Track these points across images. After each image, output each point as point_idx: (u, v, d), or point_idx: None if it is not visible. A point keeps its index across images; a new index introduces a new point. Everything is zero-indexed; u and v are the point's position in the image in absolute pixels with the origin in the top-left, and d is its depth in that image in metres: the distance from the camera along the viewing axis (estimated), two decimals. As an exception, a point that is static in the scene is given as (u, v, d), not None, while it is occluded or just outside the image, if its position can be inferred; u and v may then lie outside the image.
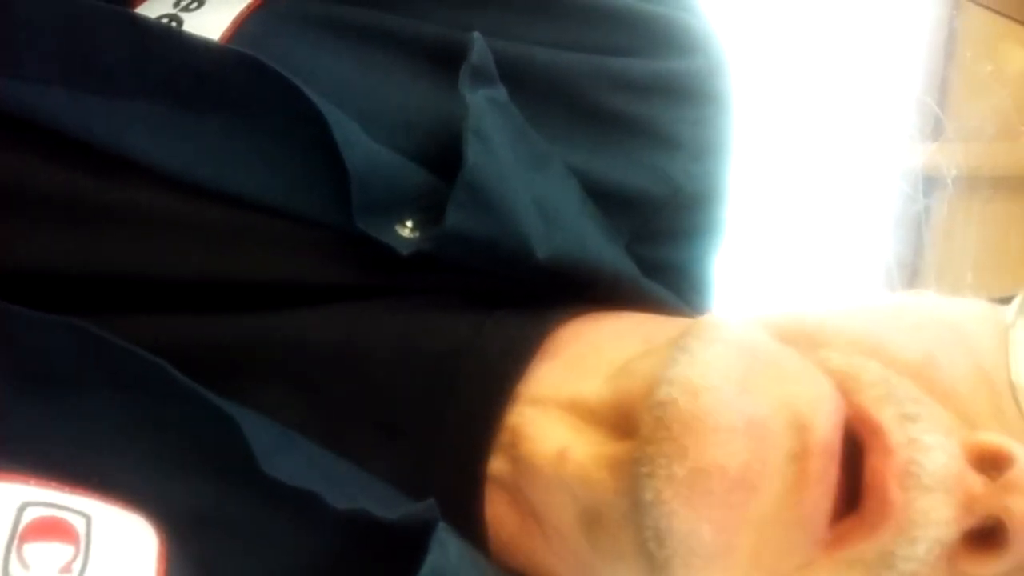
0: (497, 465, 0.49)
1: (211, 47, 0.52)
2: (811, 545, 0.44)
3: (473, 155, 0.50)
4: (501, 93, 0.53)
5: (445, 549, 0.44)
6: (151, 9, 0.55)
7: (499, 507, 0.49)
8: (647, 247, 0.58)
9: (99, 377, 0.46)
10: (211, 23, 0.54)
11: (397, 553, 0.45)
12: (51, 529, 0.43)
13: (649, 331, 0.51)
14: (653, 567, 0.44)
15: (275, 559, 0.46)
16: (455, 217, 0.50)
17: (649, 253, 0.58)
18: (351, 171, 0.49)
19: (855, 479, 0.44)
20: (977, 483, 0.44)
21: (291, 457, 0.47)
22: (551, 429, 0.48)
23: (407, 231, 0.51)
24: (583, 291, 0.54)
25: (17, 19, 0.51)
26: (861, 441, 0.44)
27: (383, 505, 0.45)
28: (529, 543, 0.50)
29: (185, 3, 0.55)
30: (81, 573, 0.43)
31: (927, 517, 0.43)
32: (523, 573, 0.51)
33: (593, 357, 0.50)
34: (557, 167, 0.54)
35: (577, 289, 0.54)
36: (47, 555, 0.43)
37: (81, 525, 0.43)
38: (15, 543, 0.42)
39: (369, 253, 0.50)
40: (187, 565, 0.44)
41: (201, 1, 0.55)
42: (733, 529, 0.43)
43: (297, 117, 0.50)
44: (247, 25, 0.54)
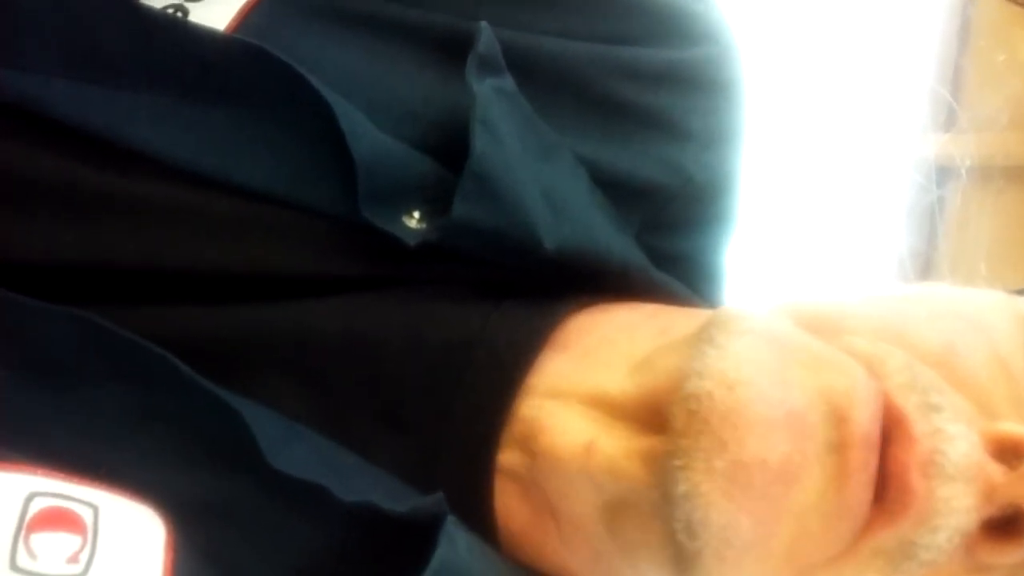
0: (508, 457, 0.49)
1: (216, 37, 0.52)
2: (854, 534, 0.44)
3: (480, 145, 0.50)
4: (508, 83, 0.52)
5: (454, 543, 0.44)
6: None
7: (509, 499, 0.49)
8: (657, 237, 0.57)
9: (103, 368, 0.46)
10: (217, 13, 0.53)
11: (405, 546, 0.45)
12: (58, 519, 0.43)
13: (663, 323, 0.51)
14: (681, 558, 0.44)
15: (282, 551, 0.46)
16: (462, 207, 0.49)
17: (659, 243, 0.57)
18: (357, 161, 0.49)
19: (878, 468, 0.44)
20: (997, 472, 0.44)
21: (298, 449, 0.46)
22: (573, 422, 0.48)
23: (414, 222, 0.51)
24: (592, 282, 0.54)
25: (20, 9, 0.51)
26: (885, 429, 0.44)
27: (391, 498, 0.45)
28: (540, 536, 0.50)
29: None
30: (88, 563, 0.43)
31: (948, 506, 0.43)
32: (532, 566, 0.51)
33: (608, 349, 0.50)
34: (566, 157, 0.54)
35: (586, 280, 0.53)
36: (55, 545, 0.43)
37: (88, 515, 0.43)
38: (23, 533, 0.42)
39: (375, 244, 0.50)
40: (194, 556, 0.45)
41: None
42: (773, 520, 0.43)
43: (303, 107, 0.50)
44: (253, 15, 0.54)
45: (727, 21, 0.60)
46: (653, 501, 0.45)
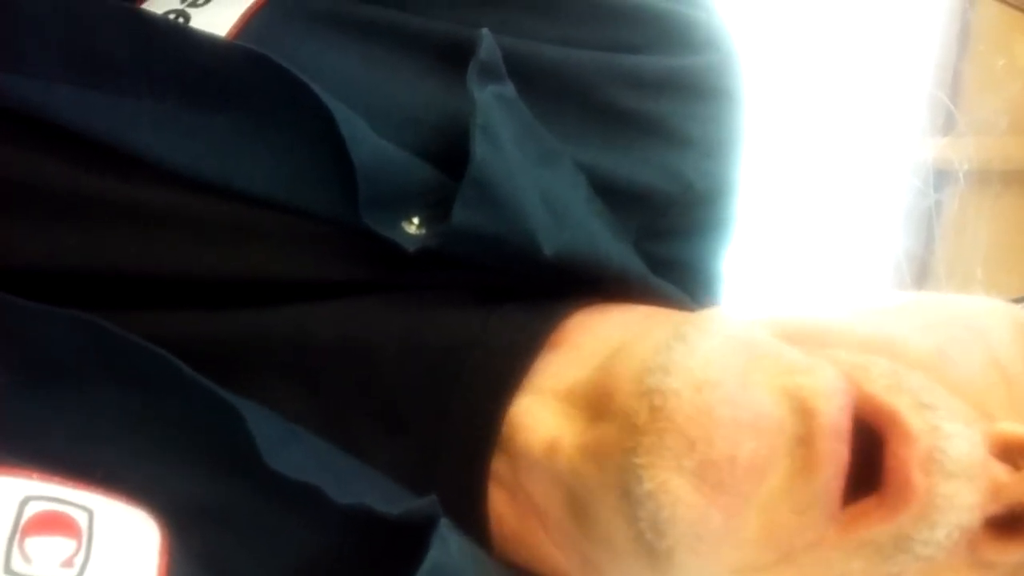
0: (500, 460, 0.49)
1: (218, 43, 0.52)
2: (825, 522, 0.44)
3: (480, 151, 0.49)
4: (509, 89, 0.52)
5: (446, 545, 0.44)
6: (158, 5, 0.55)
7: (501, 503, 0.49)
8: (656, 244, 0.57)
9: (102, 370, 0.46)
10: (219, 19, 0.54)
11: (399, 548, 0.45)
12: (53, 523, 0.43)
13: (656, 323, 0.51)
14: (654, 557, 0.44)
15: (277, 553, 0.46)
16: (462, 214, 0.49)
17: (658, 250, 0.57)
18: (358, 167, 0.49)
19: (873, 466, 0.44)
20: (1002, 472, 0.44)
21: (294, 451, 0.46)
22: (545, 419, 0.48)
23: (414, 228, 0.51)
24: (591, 287, 0.54)
25: (22, 15, 0.51)
26: (879, 429, 0.44)
27: (385, 500, 0.45)
28: (531, 538, 0.50)
29: None
30: (83, 567, 0.43)
31: (950, 502, 0.43)
32: (526, 569, 0.51)
33: (596, 347, 0.50)
34: (565, 164, 0.54)
35: (585, 285, 0.53)
36: (49, 549, 0.43)
37: (83, 519, 0.43)
38: (17, 537, 0.42)
39: (375, 249, 0.50)
40: (189, 559, 0.45)
41: None
42: (742, 512, 0.43)
43: (304, 113, 0.50)
44: (254, 21, 0.54)
45: (728, 28, 0.60)
46: (611, 502, 0.45)
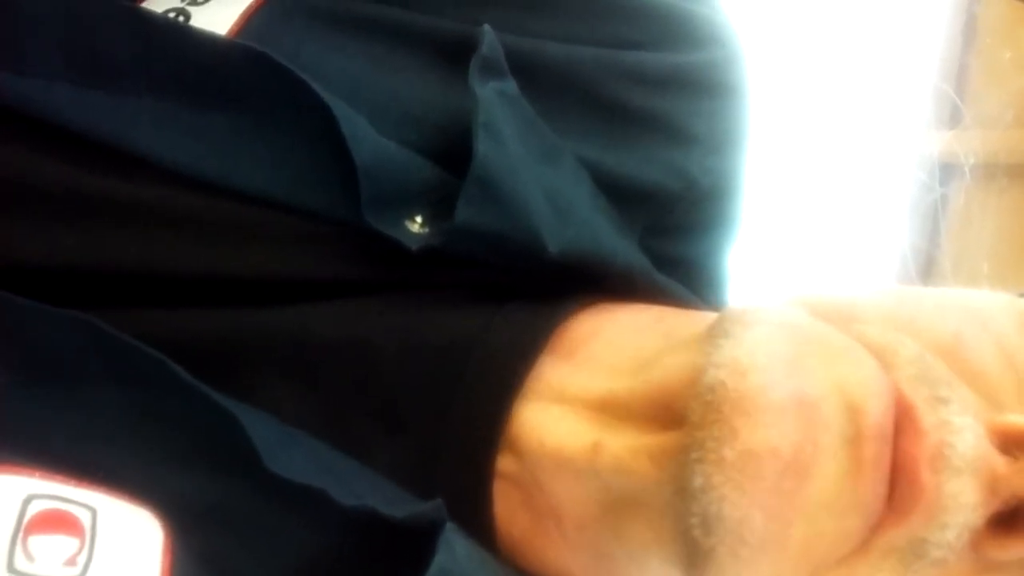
0: (508, 461, 0.49)
1: (218, 42, 0.52)
2: (864, 533, 0.43)
3: (483, 149, 0.49)
4: (511, 86, 0.52)
5: (452, 550, 0.44)
6: (158, 4, 0.55)
7: (510, 504, 0.49)
8: (661, 241, 0.57)
9: (103, 371, 0.46)
10: (219, 18, 0.53)
11: (403, 552, 0.45)
12: (56, 522, 0.43)
13: (668, 326, 0.51)
14: (694, 555, 0.43)
15: (280, 555, 0.46)
16: (465, 212, 0.49)
17: (663, 247, 0.57)
18: (359, 166, 0.49)
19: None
20: (1000, 464, 0.43)
21: (295, 454, 0.46)
22: (578, 424, 0.47)
23: (416, 226, 0.51)
24: (595, 285, 0.53)
25: (22, 14, 0.51)
26: (895, 420, 0.43)
27: (389, 503, 0.45)
28: (541, 541, 0.49)
29: None
30: (86, 566, 0.43)
31: (956, 501, 0.42)
32: (532, 572, 0.50)
33: (613, 352, 0.50)
34: (569, 161, 0.54)
35: (589, 283, 0.53)
36: (52, 548, 0.43)
37: (86, 518, 0.43)
38: (20, 535, 0.42)
39: (377, 248, 0.50)
40: (192, 559, 0.44)
41: None
42: (786, 518, 0.42)
43: (305, 112, 0.49)
44: (255, 20, 0.54)
45: (732, 24, 0.59)
46: (664, 498, 0.44)
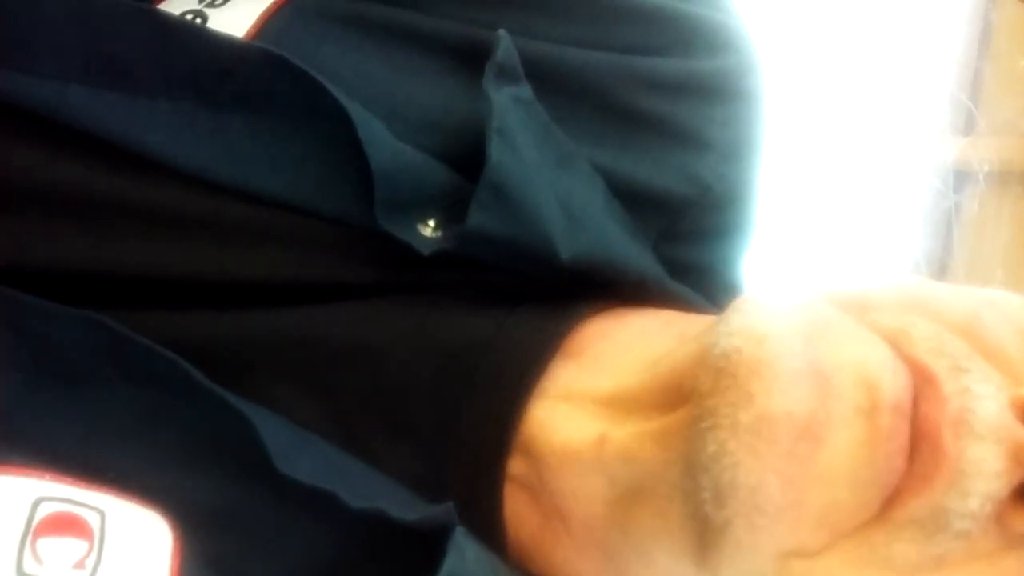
0: (518, 463, 0.48)
1: (235, 44, 0.52)
2: (880, 503, 0.43)
3: (497, 154, 0.49)
4: (526, 91, 0.52)
5: (463, 553, 0.44)
6: (175, 6, 0.55)
7: (518, 507, 0.49)
8: (674, 247, 0.57)
9: (114, 372, 0.46)
10: (236, 20, 0.53)
11: (413, 555, 0.45)
12: (65, 525, 0.43)
13: (680, 329, 0.51)
14: (707, 534, 0.43)
15: (289, 558, 0.46)
16: (478, 217, 0.49)
17: (676, 254, 0.57)
18: (375, 169, 0.49)
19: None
20: (1023, 434, 0.43)
21: (306, 456, 0.46)
22: (584, 420, 0.47)
23: (429, 230, 0.51)
24: (607, 290, 0.53)
25: (38, 15, 0.51)
26: (915, 389, 0.43)
27: (400, 506, 0.45)
28: (550, 543, 0.49)
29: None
30: (95, 569, 0.43)
31: (978, 468, 0.42)
32: (541, 574, 0.50)
33: (624, 354, 0.50)
34: (582, 166, 0.53)
35: (601, 288, 0.53)
36: (61, 551, 0.43)
37: (95, 521, 0.43)
38: (29, 538, 0.42)
39: (389, 252, 0.50)
40: (201, 561, 0.44)
41: None
42: (801, 483, 0.42)
43: (321, 115, 0.49)
44: (272, 22, 0.54)
45: (748, 30, 0.59)
46: (671, 481, 0.44)
